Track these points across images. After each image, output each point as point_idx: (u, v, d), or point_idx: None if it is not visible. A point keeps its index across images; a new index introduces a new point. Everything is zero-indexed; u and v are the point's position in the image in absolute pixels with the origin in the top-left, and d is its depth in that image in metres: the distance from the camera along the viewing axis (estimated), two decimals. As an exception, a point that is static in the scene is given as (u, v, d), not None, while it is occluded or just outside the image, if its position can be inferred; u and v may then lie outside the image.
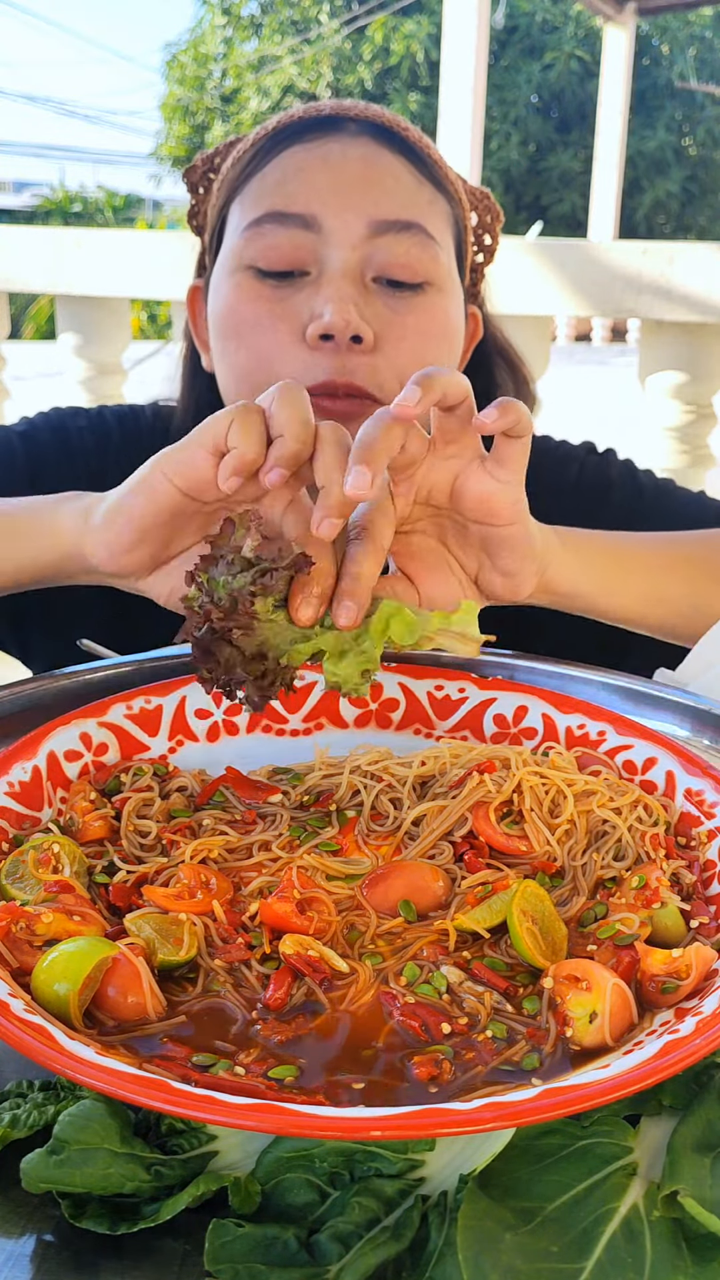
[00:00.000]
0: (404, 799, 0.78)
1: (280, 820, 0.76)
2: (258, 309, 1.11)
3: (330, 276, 1.09)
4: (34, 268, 3.06)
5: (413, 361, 1.10)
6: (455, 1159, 0.51)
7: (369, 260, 1.10)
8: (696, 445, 2.87)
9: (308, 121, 1.15)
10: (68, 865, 0.68)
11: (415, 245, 1.11)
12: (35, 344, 12.34)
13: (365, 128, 1.15)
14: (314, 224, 1.09)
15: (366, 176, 1.11)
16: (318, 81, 19.95)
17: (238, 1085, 0.52)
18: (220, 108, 21.70)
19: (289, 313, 1.10)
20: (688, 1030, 0.52)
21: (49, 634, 1.25)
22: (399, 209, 1.11)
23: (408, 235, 1.11)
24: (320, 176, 1.11)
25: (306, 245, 1.10)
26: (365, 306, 1.09)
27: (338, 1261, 0.47)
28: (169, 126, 22.56)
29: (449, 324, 1.16)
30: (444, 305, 1.15)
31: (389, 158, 1.13)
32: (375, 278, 1.11)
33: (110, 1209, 0.49)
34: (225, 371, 1.16)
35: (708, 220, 21.37)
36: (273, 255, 1.10)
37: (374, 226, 1.10)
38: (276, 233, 1.10)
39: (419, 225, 1.11)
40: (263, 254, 1.10)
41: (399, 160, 1.14)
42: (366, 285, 1.11)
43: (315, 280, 1.10)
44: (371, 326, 1.09)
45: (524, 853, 0.72)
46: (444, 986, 0.60)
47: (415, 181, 1.14)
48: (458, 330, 1.19)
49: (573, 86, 19.77)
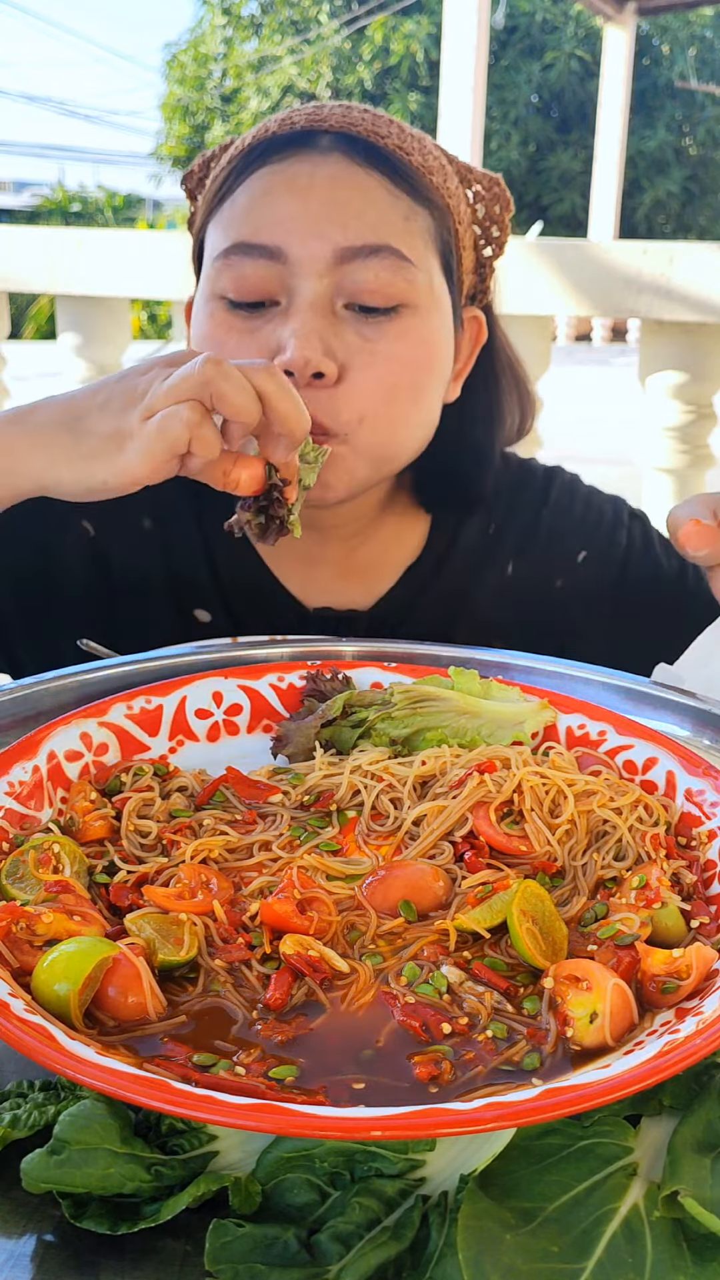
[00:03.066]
0: (404, 799, 0.78)
1: (280, 820, 0.76)
2: (227, 340, 1.10)
3: (297, 308, 1.07)
4: (34, 268, 3.06)
5: (377, 392, 1.09)
6: (455, 1159, 0.51)
7: (338, 287, 1.08)
8: (696, 445, 2.86)
9: (280, 139, 1.12)
10: (68, 865, 0.68)
11: (386, 269, 1.08)
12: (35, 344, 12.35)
13: (338, 142, 1.11)
14: (280, 255, 1.07)
15: (334, 199, 1.08)
16: (318, 81, 19.96)
17: (238, 1085, 0.52)
18: (220, 108, 21.71)
19: (258, 344, 1.09)
20: (688, 1030, 0.52)
21: (34, 638, 1.24)
22: (368, 232, 1.08)
23: (377, 259, 1.08)
24: (287, 204, 1.08)
25: (274, 277, 1.08)
26: (334, 336, 1.07)
27: (338, 1261, 0.47)
28: (169, 126, 22.57)
29: (426, 346, 1.13)
30: (420, 327, 1.12)
31: (360, 175, 1.10)
32: (347, 304, 1.09)
33: (111, 1209, 0.49)
34: None
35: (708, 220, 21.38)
36: (242, 286, 1.09)
37: (341, 254, 1.07)
38: (244, 264, 1.08)
39: (389, 247, 1.08)
40: (232, 285, 1.09)
41: (372, 175, 1.10)
42: (336, 313, 1.09)
43: (285, 310, 1.09)
44: (338, 357, 1.07)
45: (524, 853, 0.72)
46: (444, 986, 0.60)
47: (389, 198, 1.10)
48: (438, 351, 1.15)
49: (573, 86, 19.78)
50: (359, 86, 19.62)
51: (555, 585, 1.29)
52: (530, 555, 1.29)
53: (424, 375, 1.14)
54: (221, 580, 1.24)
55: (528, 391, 1.33)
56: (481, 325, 1.25)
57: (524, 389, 1.32)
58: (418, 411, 1.15)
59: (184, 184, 1.25)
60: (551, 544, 1.30)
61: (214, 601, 1.24)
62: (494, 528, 1.30)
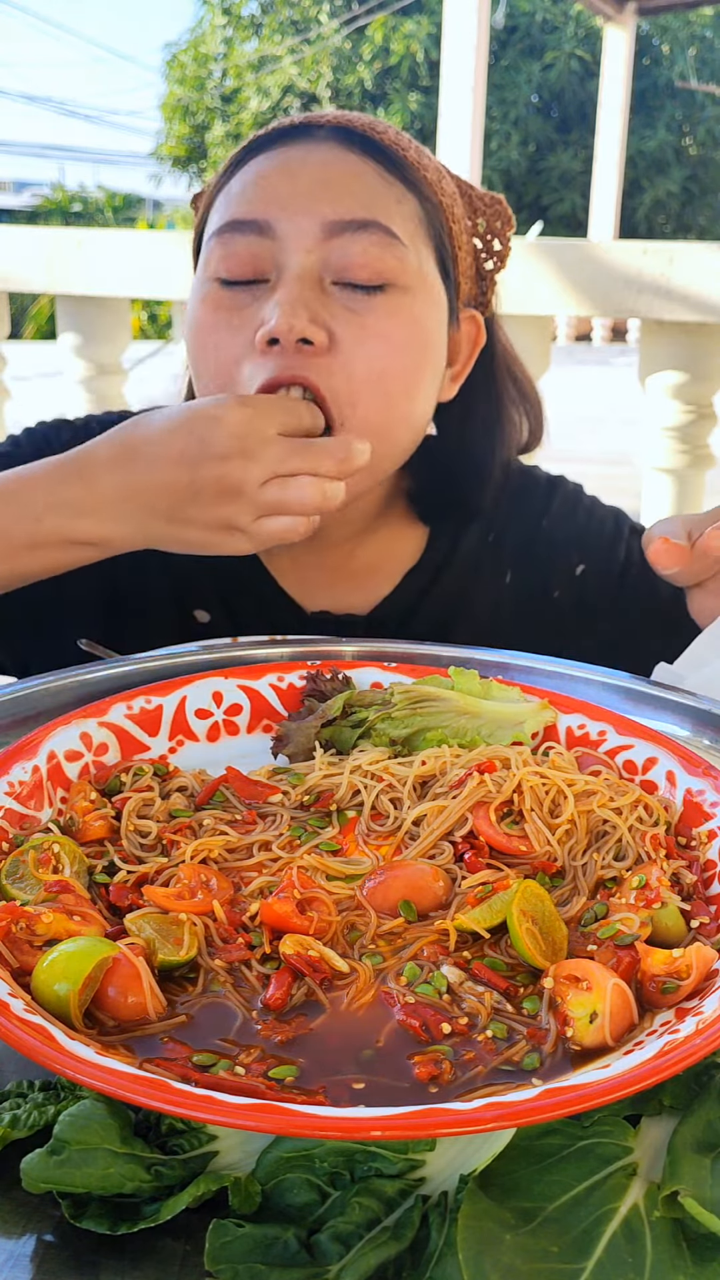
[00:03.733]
0: (404, 799, 0.78)
1: (280, 820, 0.76)
2: (216, 317, 1.10)
3: (285, 281, 1.07)
4: (34, 268, 3.06)
5: (373, 365, 1.08)
6: (455, 1159, 0.51)
7: (326, 263, 1.08)
8: (696, 445, 2.87)
9: (278, 132, 1.14)
10: (68, 865, 0.68)
11: (374, 244, 1.08)
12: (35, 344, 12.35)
13: (333, 133, 1.13)
14: (268, 230, 1.08)
15: (324, 178, 1.09)
16: (318, 81, 19.95)
17: (238, 1085, 0.52)
18: (220, 108, 21.71)
19: (245, 321, 1.09)
20: (688, 1030, 0.52)
21: (39, 639, 1.24)
22: (357, 208, 1.08)
23: (365, 234, 1.07)
24: (278, 182, 1.09)
25: (264, 253, 1.08)
26: (323, 309, 1.07)
27: (338, 1261, 0.47)
28: (169, 126, 22.58)
29: (417, 328, 1.12)
30: (411, 307, 1.11)
31: (352, 159, 1.11)
32: (335, 280, 1.08)
33: (110, 1209, 0.49)
34: (195, 382, 1.17)
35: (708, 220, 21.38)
36: (233, 264, 1.09)
37: (329, 228, 1.07)
38: (235, 241, 1.09)
39: (377, 223, 1.08)
40: (224, 263, 1.10)
41: (363, 160, 1.11)
42: (326, 289, 1.08)
43: (273, 285, 1.09)
44: (329, 328, 1.07)
45: (524, 853, 0.72)
46: (444, 986, 0.60)
47: (381, 181, 1.11)
48: (431, 335, 1.14)
49: (573, 86, 19.78)
50: (359, 86, 19.61)
51: (553, 596, 1.29)
52: (529, 565, 1.29)
53: (416, 358, 1.13)
54: (221, 582, 1.24)
55: (535, 402, 1.32)
56: (480, 326, 1.25)
57: (530, 399, 1.31)
58: (410, 400, 1.13)
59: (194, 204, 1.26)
60: (551, 554, 1.29)
61: (213, 602, 1.24)
62: (493, 536, 1.29)
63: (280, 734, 0.89)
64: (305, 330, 1.04)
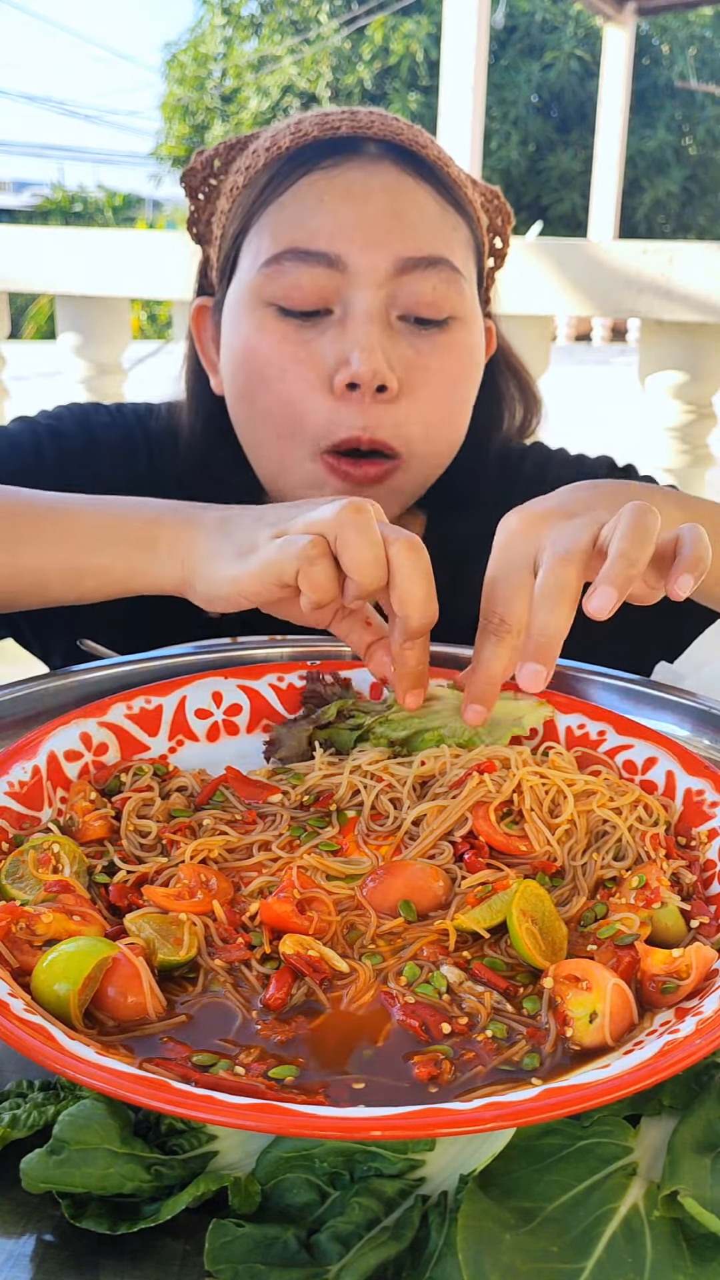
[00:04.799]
0: (404, 799, 0.78)
1: (280, 820, 0.76)
2: (282, 351, 1.08)
3: (356, 319, 1.06)
4: (34, 268, 3.06)
5: (436, 409, 1.10)
6: (455, 1159, 0.51)
7: (394, 299, 1.07)
8: (696, 445, 2.87)
9: (324, 144, 1.10)
10: (68, 865, 0.68)
11: (442, 281, 1.08)
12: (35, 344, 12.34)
13: (386, 150, 1.10)
14: (338, 263, 1.06)
15: (392, 210, 1.08)
16: (317, 81, 19.95)
17: (238, 1085, 0.52)
18: (220, 107, 21.70)
19: (313, 356, 1.07)
20: (688, 1030, 0.52)
21: (69, 635, 1.24)
22: (426, 244, 1.08)
23: (434, 271, 1.08)
24: (344, 211, 1.07)
25: (331, 285, 1.07)
26: (391, 348, 1.07)
27: (338, 1261, 0.47)
28: (169, 126, 22.57)
29: (472, 359, 1.14)
30: (468, 340, 1.13)
31: (413, 186, 1.10)
32: (401, 316, 1.08)
33: (110, 1209, 0.49)
34: (247, 413, 1.14)
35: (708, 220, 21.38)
36: (295, 295, 1.07)
37: (400, 264, 1.06)
38: (299, 270, 1.07)
39: (445, 260, 1.08)
40: (285, 293, 1.07)
41: (423, 188, 1.10)
42: (391, 324, 1.08)
43: (340, 320, 1.07)
44: (396, 370, 1.07)
45: (524, 853, 0.72)
46: (444, 986, 0.60)
47: (440, 210, 1.10)
48: (480, 362, 1.17)
49: (573, 86, 19.77)
50: (359, 86, 19.61)
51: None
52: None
53: (469, 389, 1.15)
54: None
55: (530, 389, 1.33)
56: (493, 335, 1.25)
57: (526, 387, 1.32)
58: (461, 427, 1.16)
59: (184, 181, 1.23)
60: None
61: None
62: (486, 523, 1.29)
63: (273, 738, 0.89)
64: (384, 378, 1.05)
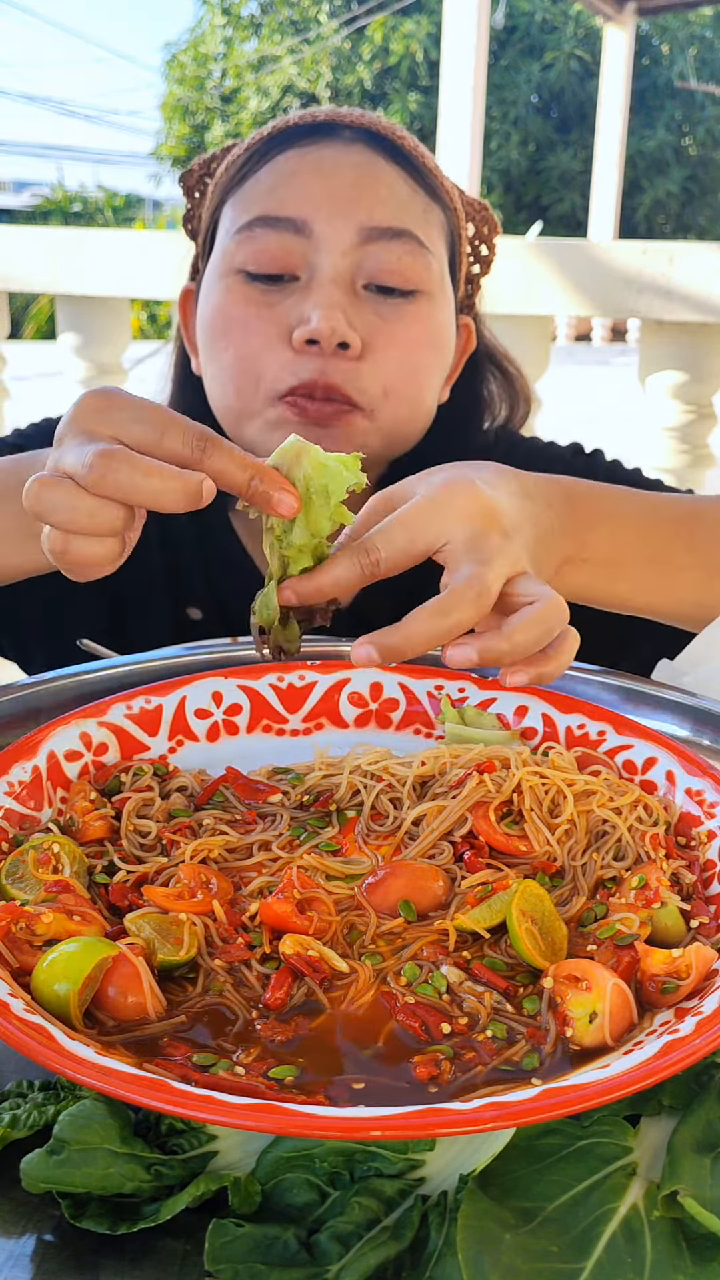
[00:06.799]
0: (404, 799, 0.78)
1: (280, 820, 0.76)
2: (245, 311, 1.11)
3: (320, 282, 1.10)
4: (34, 268, 3.06)
5: (400, 370, 1.12)
6: (455, 1159, 0.51)
7: (360, 267, 1.11)
8: (696, 445, 2.86)
9: (303, 127, 1.15)
10: (68, 865, 0.68)
11: (407, 253, 1.11)
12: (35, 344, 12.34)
13: (360, 134, 1.15)
14: (305, 229, 1.10)
15: (360, 183, 1.12)
16: (317, 81, 19.95)
17: (238, 1085, 0.52)
18: (220, 108, 21.71)
19: (276, 316, 1.11)
20: (688, 1030, 0.52)
21: (47, 636, 1.25)
22: (391, 216, 1.11)
23: (399, 243, 1.11)
24: (313, 181, 1.11)
25: (297, 250, 1.10)
26: (355, 314, 1.10)
27: (338, 1261, 0.47)
28: (169, 126, 22.58)
29: (439, 333, 1.17)
30: (434, 314, 1.15)
31: (384, 165, 1.14)
32: (366, 284, 1.12)
33: (110, 1209, 0.49)
34: (212, 373, 1.17)
35: (708, 220, 21.38)
36: (263, 258, 1.11)
37: (365, 233, 1.10)
38: (267, 236, 1.10)
39: (411, 233, 1.12)
40: (253, 257, 1.11)
41: (394, 168, 1.14)
42: (357, 292, 1.11)
43: (305, 285, 1.11)
44: (360, 334, 1.09)
45: (524, 853, 0.72)
46: (444, 986, 0.60)
47: (409, 190, 1.14)
48: (448, 340, 1.19)
49: (573, 86, 19.77)
50: (359, 86, 19.60)
51: None
52: None
53: (435, 359, 1.17)
54: (213, 579, 1.24)
55: (516, 382, 1.34)
56: (471, 332, 1.29)
57: (513, 380, 1.33)
58: (424, 398, 1.17)
59: (182, 181, 1.27)
60: None
61: (206, 600, 1.25)
62: None
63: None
64: (345, 335, 1.07)
